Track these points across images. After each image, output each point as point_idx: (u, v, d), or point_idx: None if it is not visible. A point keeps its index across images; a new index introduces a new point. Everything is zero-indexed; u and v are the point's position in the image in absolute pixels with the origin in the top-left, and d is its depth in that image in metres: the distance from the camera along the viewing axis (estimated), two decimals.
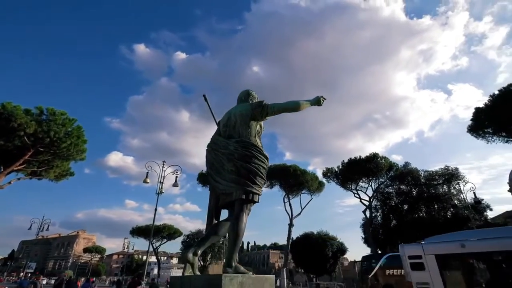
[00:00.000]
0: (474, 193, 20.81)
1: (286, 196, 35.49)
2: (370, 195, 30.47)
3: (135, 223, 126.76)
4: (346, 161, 30.98)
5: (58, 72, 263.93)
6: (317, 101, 3.67)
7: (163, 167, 14.93)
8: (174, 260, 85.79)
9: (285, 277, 30.39)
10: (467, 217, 24.84)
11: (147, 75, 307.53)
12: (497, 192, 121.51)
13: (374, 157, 29.16)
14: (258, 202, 3.23)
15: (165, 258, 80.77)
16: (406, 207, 29.19)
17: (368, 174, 29.33)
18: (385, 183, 30.82)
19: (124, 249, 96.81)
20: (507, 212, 42.83)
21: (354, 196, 30.84)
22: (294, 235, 35.35)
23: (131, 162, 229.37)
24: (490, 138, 23.34)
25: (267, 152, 3.48)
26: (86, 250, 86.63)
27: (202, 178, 38.08)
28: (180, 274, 3.05)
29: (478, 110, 23.45)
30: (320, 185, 35.39)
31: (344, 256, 37.83)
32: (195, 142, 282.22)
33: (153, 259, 57.19)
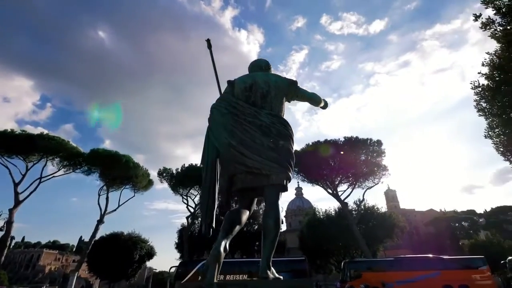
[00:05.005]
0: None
1: (105, 187, 30.52)
2: (197, 203, 31.60)
3: None
4: (186, 165, 31.06)
5: None
6: (325, 104, 3.49)
7: None
8: None
9: (73, 285, 25.10)
10: None
11: None
12: None
13: None
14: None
15: None
16: (222, 218, 32.42)
17: None
18: None
19: None
20: None
21: (182, 201, 30.98)
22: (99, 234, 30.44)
23: None
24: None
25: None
26: None
27: None
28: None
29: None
30: (149, 184, 33.11)
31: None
32: None
33: None
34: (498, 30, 6.25)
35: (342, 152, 27.33)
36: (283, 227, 44.06)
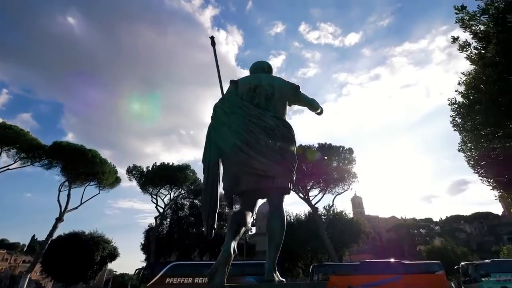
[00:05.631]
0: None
1: (66, 183, 28.52)
2: (166, 203, 30.60)
3: None
4: (158, 164, 29.96)
5: None
6: (321, 110, 3.47)
7: None
8: None
9: (24, 287, 23.10)
10: None
11: None
12: None
13: (186, 168, 30.16)
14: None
15: None
16: (193, 219, 31.70)
17: (175, 182, 29.64)
18: (183, 194, 32.29)
19: None
20: None
21: (152, 201, 29.79)
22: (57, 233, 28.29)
23: None
24: None
25: None
26: None
27: None
28: None
29: None
30: (116, 181, 31.49)
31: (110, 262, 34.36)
32: None
33: None
34: (474, 53, 6.85)
35: (325, 158, 27.91)
36: (253, 230, 44.14)
